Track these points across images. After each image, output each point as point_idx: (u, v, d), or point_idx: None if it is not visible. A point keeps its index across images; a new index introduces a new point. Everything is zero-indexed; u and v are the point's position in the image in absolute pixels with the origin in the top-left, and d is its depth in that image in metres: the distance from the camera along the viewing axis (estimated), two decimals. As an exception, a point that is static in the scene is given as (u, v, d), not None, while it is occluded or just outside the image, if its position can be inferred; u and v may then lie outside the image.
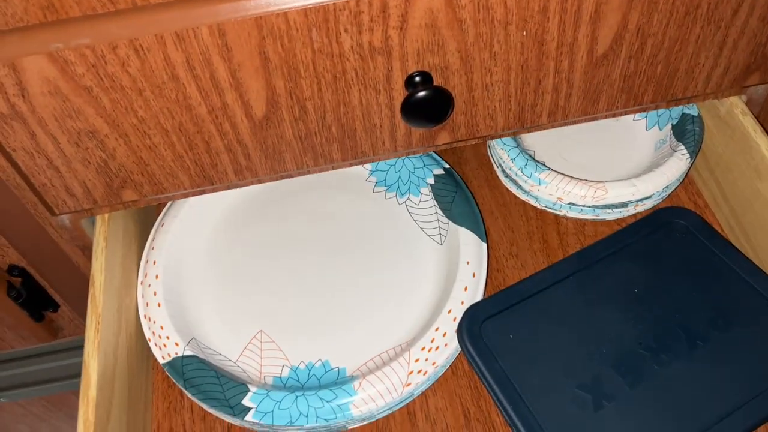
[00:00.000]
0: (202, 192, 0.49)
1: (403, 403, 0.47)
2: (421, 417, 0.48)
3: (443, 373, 0.50)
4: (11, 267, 0.56)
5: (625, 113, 0.50)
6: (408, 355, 0.46)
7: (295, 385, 0.48)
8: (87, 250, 0.54)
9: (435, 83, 0.42)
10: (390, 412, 0.47)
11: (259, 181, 0.49)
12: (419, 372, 0.45)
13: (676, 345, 0.46)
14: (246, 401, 0.45)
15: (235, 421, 0.46)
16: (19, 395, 0.73)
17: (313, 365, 0.49)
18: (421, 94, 0.41)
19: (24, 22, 0.35)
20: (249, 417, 0.44)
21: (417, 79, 0.42)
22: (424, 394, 0.49)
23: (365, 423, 0.47)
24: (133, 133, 0.42)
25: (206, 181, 0.47)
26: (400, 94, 0.43)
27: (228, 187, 0.49)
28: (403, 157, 0.57)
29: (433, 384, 0.49)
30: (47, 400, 0.80)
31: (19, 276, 0.56)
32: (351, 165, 0.49)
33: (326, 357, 0.49)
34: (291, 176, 0.50)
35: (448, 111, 0.43)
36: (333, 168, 0.49)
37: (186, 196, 0.49)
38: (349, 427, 0.46)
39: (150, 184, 0.46)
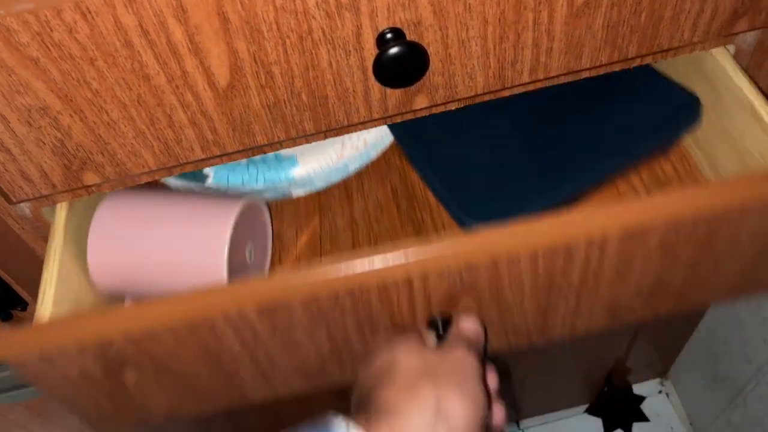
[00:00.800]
0: (170, 172, 0.47)
1: (340, 176, 0.57)
2: (356, 195, 0.59)
3: (376, 162, 0.60)
4: (-26, 264, 0.53)
5: (610, 69, 0.47)
6: (345, 137, 0.54)
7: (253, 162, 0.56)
8: (52, 241, 0.51)
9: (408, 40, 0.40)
10: (328, 183, 0.57)
11: (229, 158, 0.46)
12: (352, 147, 0.54)
13: (564, 108, 0.56)
14: (206, 170, 0.54)
15: (198, 187, 0.54)
16: (-4, 402, 0.70)
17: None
18: (394, 50, 0.39)
19: (-43, -13, 0.33)
20: (208, 182, 0.54)
21: (389, 36, 0.39)
22: (360, 177, 0.59)
23: (307, 191, 0.57)
24: (89, 108, 0.40)
25: (172, 158, 0.44)
26: (371, 54, 0.40)
27: (196, 166, 0.47)
28: None
29: (367, 167, 0.59)
30: (26, 407, 0.77)
31: (-18, 273, 0.53)
32: (326, 136, 0.47)
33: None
34: (264, 151, 0.47)
35: (423, 68, 0.40)
36: (307, 141, 0.47)
37: (152, 176, 0.47)
38: (294, 194, 0.56)
39: (112, 164, 0.44)
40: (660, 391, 1.22)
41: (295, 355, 0.44)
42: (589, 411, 1.22)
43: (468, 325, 0.41)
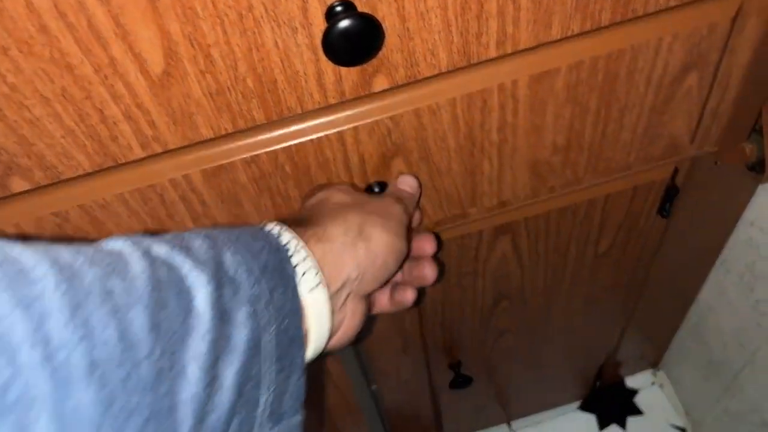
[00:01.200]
0: (108, 174, 0.43)
1: None
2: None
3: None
4: None
5: (581, 38, 0.44)
6: None
7: None
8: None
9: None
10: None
11: (172, 155, 0.42)
12: None
13: None
14: None
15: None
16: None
17: None
18: (343, 23, 0.35)
19: None
20: None
21: (338, 9, 0.36)
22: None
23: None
24: (7, 105, 0.35)
25: (108, 158, 0.40)
26: (321, 30, 0.36)
27: (137, 165, 0.43)
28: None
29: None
30: None
31: None
32: (281, 125, 0.43)
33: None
34: (210, 146, 0.43)
35: (377, 42, 0.37)
36: (257, 132, 0.43)
37: (89, 180, 0.42)
38: None
39: (41, 168, 0.39)
40: (653, 383, 1.19)
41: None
42: (582, 407, 1.19)
43: (405, 180, 0.46)
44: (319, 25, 0.36)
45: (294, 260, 0.33)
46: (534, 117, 0.47)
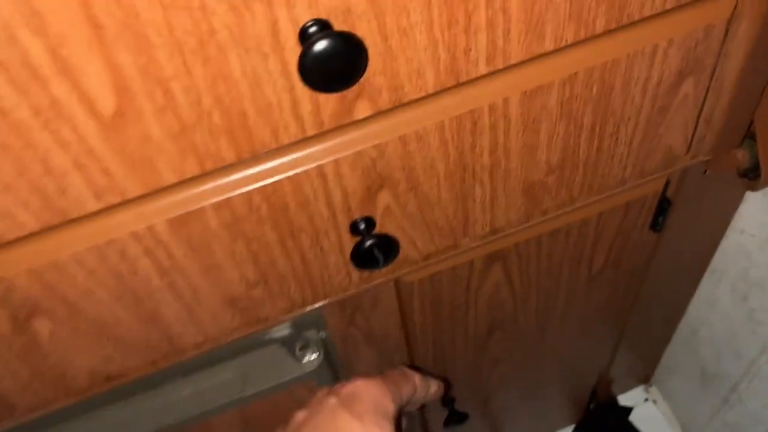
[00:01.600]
0: (58, 232, 0.37)
1: None
2: None
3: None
4: None
5: (575, 48, 0.41)
6: None
7: None
8: None
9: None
10: None
11: (131, 205, 0.37)
12: None
13: None
14: None
15: None
16: None
17: None
18: (320, 44, 0.31)
19: None
20: None
21: (313, 30, 0.31)
22: None
23: None
24: (-70, 162, 0.30)
25: (57, 215, 0.35)
26: (294, 55, 0.32)
27: (92, 219, 0.37)
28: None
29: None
30: None
31: None
32: (254, 163, 0.38)
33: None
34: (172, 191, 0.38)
35: (360, 63, 0.33)
36: (226, 173, 0.38)
37: (38, 239, 0.37)
38: None
39: (-23, 230, 0.34)
40: (646, 399, 1.16)
41: (218, 282, 0.43)
42: (577, 431, 1.15)
43: None
44: (293, 49, 0.32)
45: None
46: (527, 136, 0.44)
